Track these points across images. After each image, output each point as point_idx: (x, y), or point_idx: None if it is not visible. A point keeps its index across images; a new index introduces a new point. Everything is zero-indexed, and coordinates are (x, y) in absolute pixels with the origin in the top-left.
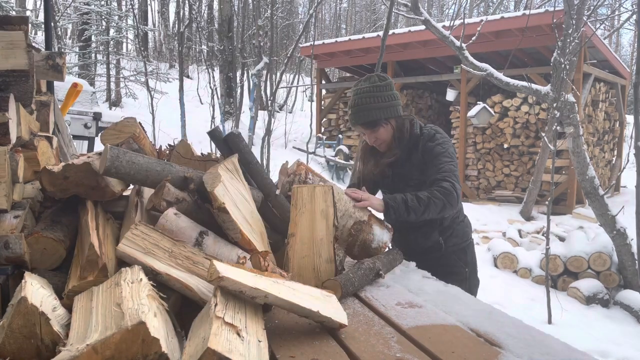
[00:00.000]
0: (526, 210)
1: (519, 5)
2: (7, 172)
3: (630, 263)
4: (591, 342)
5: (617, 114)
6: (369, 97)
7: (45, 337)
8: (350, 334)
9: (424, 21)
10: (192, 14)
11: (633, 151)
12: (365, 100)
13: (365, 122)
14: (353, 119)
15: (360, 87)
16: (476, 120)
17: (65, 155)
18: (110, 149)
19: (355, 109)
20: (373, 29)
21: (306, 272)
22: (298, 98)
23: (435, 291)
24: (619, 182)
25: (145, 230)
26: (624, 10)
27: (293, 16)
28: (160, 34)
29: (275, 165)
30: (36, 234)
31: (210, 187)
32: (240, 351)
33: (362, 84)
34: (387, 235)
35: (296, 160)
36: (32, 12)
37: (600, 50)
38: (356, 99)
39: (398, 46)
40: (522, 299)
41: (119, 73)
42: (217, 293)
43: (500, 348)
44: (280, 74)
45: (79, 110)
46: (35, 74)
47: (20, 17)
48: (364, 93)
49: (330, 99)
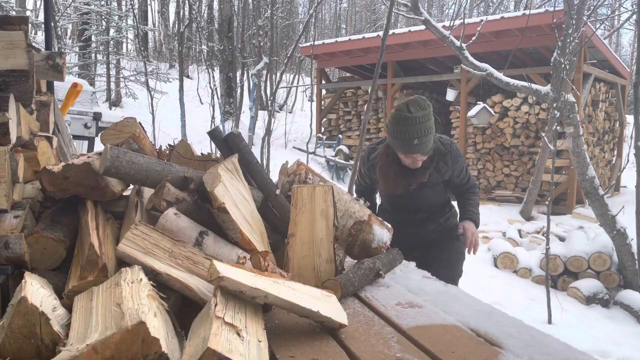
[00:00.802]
0: (526, 210)
1: (519, 5)
2: (7, 172)
3: (630, 263)
4: (591, 342)
5: (617, 114)
6: (428, 127)
7: (45, 337)
8: (350, 334)
9: (424, 21)
10: (192, 14)
11: (633, 151)
12: (426, 130)
13: (428, 150)
14: (418, 149)
15: (416, 115)
16: (476, 120)
17: (65, 155)
18: (110, 149)
19: (420, 139)
20: (373, 29)
21: (306, 272)
22: (298, 98)
23: (435, 291)
24: (619, 182)
25: (145, 230)
26: (624, 10)
27: (293, 16)
28: (160, 34)
29: (275, 165)
30: (36, 234)
31: (210, 187)
32: (240, 351)
33: (415, 111)
34: (387, 235)
35: (296, 160)
36: (32, 12)
37: (600, 50)
38: (417, 129)
39: (398, 46)
40: (522, 299)
41: (119, 73)
42: (217, 293)
43: (500, 348)
44: (280, 74)
45: (79, 110)
46: (35, 74)
47: (20, 17)
48: (422, 123)
49: (330, 99)
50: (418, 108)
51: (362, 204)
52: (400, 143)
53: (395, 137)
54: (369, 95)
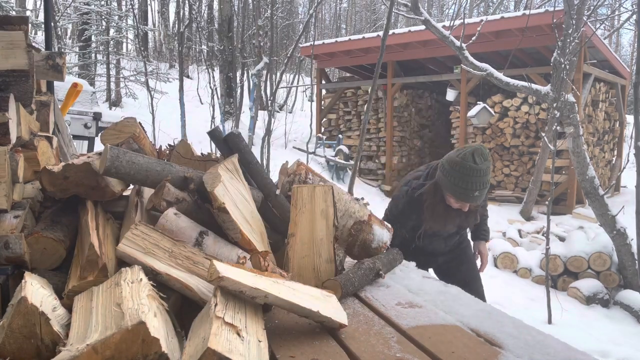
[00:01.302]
0: (526, 210)
1: (519, 5)
2: (7, 172)
3: (630, 263)
4: (591, 342)
5: (617, 114)
6: (488, 179)
7: (45, 337)
8: (350, 334)
9: (424, 21)
10: (192, 14)
11: (633, 151)
12: (486, 182)
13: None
14: (474, 200)
15: (481, 167)
16: (476, 120)
17: (65, 155)
18: (110, 149)
19: (481, 192)
20: (373, 29)
21: (306, 272)
22: (298, 98)
23: (435, 291)
24: (619, 182)
25: (145, 230)
26: (624, 10)
27: (293, 16)
28: (160, 34)
29: (275, 165)
30: (36, 234)
31: (210, 187)
32: (240, 351)
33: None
34: (387, 235)
35: (296, 160)
36: (32, 12)
37: (600, 50)
38: (480, 181)
39: (398, 46)
40: (522, 299)
41: (119, 73)
42: (217, 293)
43: (500, 348)
44: (280, 74)
45: (79, 110)
46: (35, 74)
47: (20, 17)
48: (485, 176)
49: (330, 99)
50: (483, 159)
51: (362, 204)
52: (459, 191)
53: (455, 184)
54: (369, 95)
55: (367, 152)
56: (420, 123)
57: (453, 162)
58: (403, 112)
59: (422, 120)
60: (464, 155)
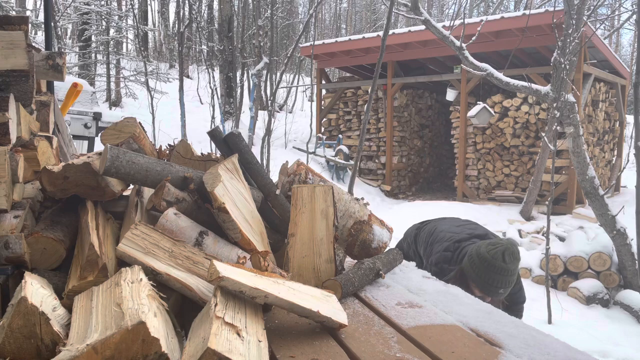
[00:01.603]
0: (526, 210)
1: (519, 5)
2: (7, 172)
3: (630, 263)
4: (591, 342)
5: (617, 114)
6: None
7: (45, 337)
8: (350, 334)
9: (424, 21)
10: (192, 14)
11: (633, 151)
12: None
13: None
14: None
15: (510, 267)
16: (476, 120)
17: (65, 155)
18: (110, 149)
19: (505, 290)
20: (373, 29)
21: (306, 272)
22: (298, 98)
23: (435, 291)
24: (619, 182)
25: (145, 230)
26: (624, 10)
27: (293, 16)
28: (160, 34)
29: (275, 165)
30: (36, 234)
31: (210, 187)
32: (240, 351)
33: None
34: (387, 235)
35: (296, 160)
36: (32, 12)
37: (600, 50)
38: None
39: (398, 46)
40: None
41: (119, 73)
42: (217, 293)
43: (500, 348)
44: (280, 74)
45: (79, 110)
46: (35, 74)
47: (20, 17)
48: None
49: (330, 99)
50: (512, 258)
51: (362, 204)
52: (484, 286)
53: (482, 278)
54: (369, 95)
55: (367, 152)
56: (420, 123)
57: (483, 258)
58: (403, 112)
59: (422, 120)
60: (495, 253)
